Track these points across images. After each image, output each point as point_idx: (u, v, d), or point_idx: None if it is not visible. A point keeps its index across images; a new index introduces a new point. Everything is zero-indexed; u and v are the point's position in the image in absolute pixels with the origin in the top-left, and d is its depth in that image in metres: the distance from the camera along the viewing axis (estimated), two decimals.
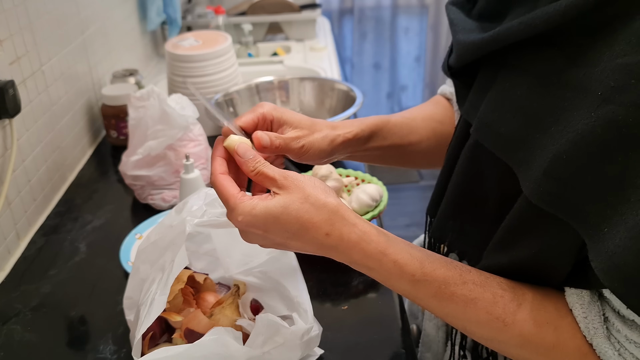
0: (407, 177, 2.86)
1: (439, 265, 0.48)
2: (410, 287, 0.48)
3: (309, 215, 0.47)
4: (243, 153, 0.50)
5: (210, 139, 1.06)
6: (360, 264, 0.49)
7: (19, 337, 0.73)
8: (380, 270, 0.48)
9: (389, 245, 0.48)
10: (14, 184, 0.90)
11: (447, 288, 0.47)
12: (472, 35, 0.50)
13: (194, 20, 1.85)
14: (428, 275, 0.47)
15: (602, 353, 0.43)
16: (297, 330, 0.59)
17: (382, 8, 2.75)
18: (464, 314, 0.48)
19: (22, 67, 0.93)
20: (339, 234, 0.48)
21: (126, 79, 1.28)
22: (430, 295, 0.48)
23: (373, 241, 0.48)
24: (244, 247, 0.69)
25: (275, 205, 0.47)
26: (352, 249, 0.48)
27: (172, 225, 0.61)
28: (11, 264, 0.87)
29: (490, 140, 0.47)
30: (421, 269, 0.47)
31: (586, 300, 0.44)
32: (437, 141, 0.72)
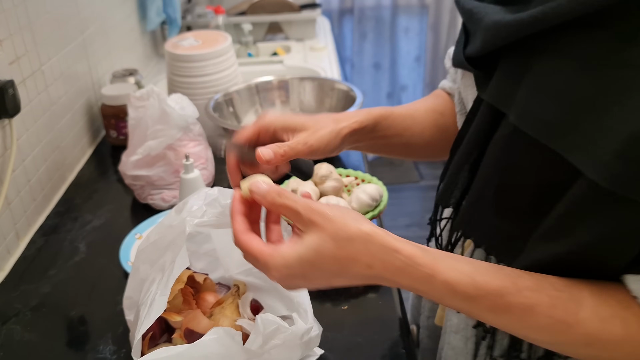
0: (407, 177, 2.86)
1: (490, 277, 0.46)
2: (465, 305, 0.46)
3: (345, 251, 0.45)
4: (257, 189, 0.49)
5: (210, 138, 1.06)
6: (409, 287, 0.46)
7: (18, 337, 0.73)
8: (431, 292, 0.46)
9: (436, 265, 0.45)
10: (14, 183, 0.90)
11: (502, 299, 0.45)
12: (508, 16, 0.47)
13: (193, 20, 1.85)
14: (481, 289, 0.45)
15: None
16: (297, 330, 0.59)
17: (382, 8, 2.75)
18: (524, 322, 0.46)
19: (22, 67, 0.93)
20: (382, 264, 0.45)
21: (126, 78, 1.28)
22: (486, 310, 0.46)
23: (419, 264, 0.45)
24: None
25: (307, 250, 0.45)
26: (399, 275, 0.45)
27: (172, 225, 0.61)
28: (11, 263, 0.87)
29: (534, 128, 0.45)
30: (473, 285, 0.45)
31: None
32: (438, 132, 0.72)
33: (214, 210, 0.61)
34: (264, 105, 1.25)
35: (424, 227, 0.89)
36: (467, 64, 0.55)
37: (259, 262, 0.47)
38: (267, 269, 0.47)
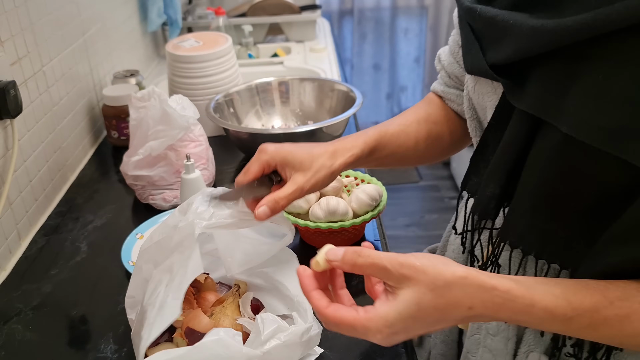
0: (407, 177, 2.86)
1: (582, 295, 0.47)
2: (563, 326, 0.47)
3: (445, 299, 0.45)
4: (334, 256, 0.49)
5: (210, 139, 1.06)
6: (509, 320, 0.48)
7: (20, 336, 0.73)
8: (530, 320, 0.47)
9: (533, 295, 0.46)
10: (15, 184, 0.90)
11: (598, 315, 0.46)
12: (549, 22, 0.46)
13: (194, 22, 1.86)
14: (578, 309, 0.46)
15: None
16: (297, 329, 0.59)
17: (382, 9, 2.76)
18: (621, 332, 0.47)
19: (24, 68, 0.93)
20: (482, 304, 0.46)
21: (127, 79, 1.28)
22: (585, 327, 0.47)
23: (517, 297, 0.46)
24: (246, 247, 0.69)
25: (407, 305, 0.45)
26: (499, 311, 0.46)
27: (178, 226, 0.61)
28: (12, 263, 0.87)
29: (594, 136, 0.45)
30: (570, 307, 0.46)
31: None
32: (433, 142, 0.73)
33: (222, 212, 0.61)
34: (264, 106, 1.25)
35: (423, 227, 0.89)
36: (492, 72, 0.54)
37: (357, 329, 0.47)
38: (367, 333, 0.46)
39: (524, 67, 0.50)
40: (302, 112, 1.25)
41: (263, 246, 0.68)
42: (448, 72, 0.73)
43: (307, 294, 0.50)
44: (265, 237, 0.68)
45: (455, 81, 0.73)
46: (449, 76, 0.73)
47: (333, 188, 0.86)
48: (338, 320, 0.47)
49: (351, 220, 0.82)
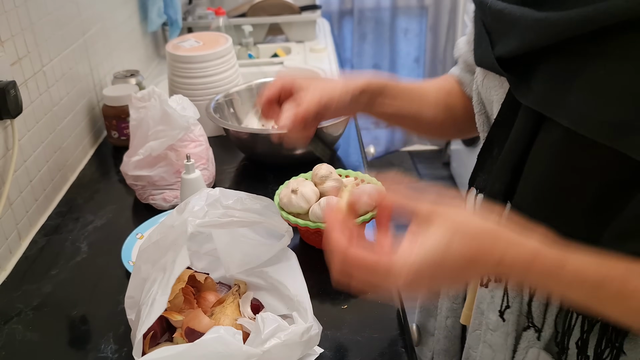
0: None
1: (615, 263, 0.45)
2: (592, 292, 0.45)
3: (474, 247, 0.43)
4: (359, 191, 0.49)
5: (210, 139, 1.06)
6: (536, 280, 0.46)
7: (20, 336, 0.73)
8: (558, 283, 0.45)
9: (565, 255, 0.45)
10: (16, 184, 0.90)
11: (628, 284, 0.44)
12: (553, 15, 0.46)
13: (194, 22, 1.86)
14: (608, 276, 0.44)
15: None
16: (297, 329, 0.59)
17: (382, 9, 2.76)
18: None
19: (24, 68, 0.93)
20: (511, 259, 0.44)
21: (127, 79, 1.28)
22: (612, 295, 0.45)
23: (548, 256, 0.45)
24: (245, 247, 0.69)
25: (435, 247, 0.43)
26: (528, 269, 0.45)
27: (174, 225, 0.61)
28: (12, 263, 0.87)
29: (595, 130, 0.45)
30: (600, 271, 0.44)
31: None
32: (446, 110, 0.74)
33: (216, 211, 0.62)
34: None
35: None
36: (498, 66, 0.54)
37: (379, 271, 0.43)
38: (389, 276, 0.43)
39: (530, 63, 0.50)
40: None
41: (262, 247, 0.69)
42: (464, 60, 0.74)
43: (330, 233, 0.46)
44: (264, 237, 0.69)
45: (471, 69, 0.74)
46: (465, 63, 0.74)
47: (333, 188, 0.86)
48: (359, 261, 0.44)
49: None
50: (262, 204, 0.66)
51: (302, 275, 0.66)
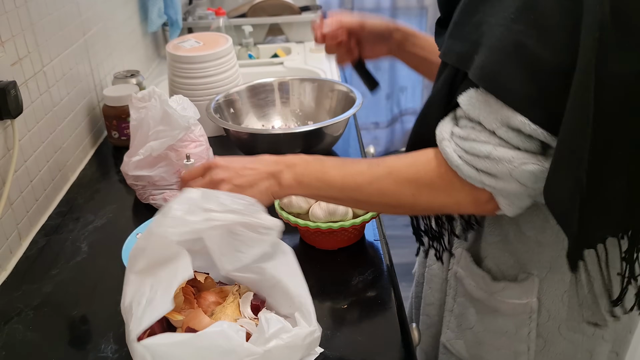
0: None
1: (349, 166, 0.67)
2: (319, 166, 0.67)
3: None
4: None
5: (211, 139, 1.06)
6: (290, 162, 0.68)
7: (20, 336, 0.73)
8: (300, 162, 0.68)
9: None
10: (16, 184, 0.90)
11: (342, 159, 0.69)
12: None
13: (194, 22, 1.86)
14: (330, 157, 0.68)
15: (445, 153, 0.60)
16: (301, 332, 0.59)
17: (382, 9, 2.76)
18: (353, 168, 0.66)
19: (24, 68, 0.94)
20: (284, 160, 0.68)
21: (127, 80, 1.29)
22: (332, 166, 0.66)
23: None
24: (237, 244, 0.69)
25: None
26: (281, 159, 0.68)
27: (157, 232, 0.61)
28: (13, 263, 0.88)
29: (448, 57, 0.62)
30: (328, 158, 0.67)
31: (447, 119, 0.62)
32: None
33: (196, 218, 0.61)
34: (264, 106, 1.25)
35: None
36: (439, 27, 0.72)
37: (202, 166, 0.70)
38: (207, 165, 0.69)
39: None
40: (302, 113, 1.25)
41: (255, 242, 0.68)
42: None
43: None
44: (256, 233, 0.68)
45: None
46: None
47: None
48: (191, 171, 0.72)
49: (351, 220, 0.82)
50: (244, 203, 0.65)
51: (301, 272, 0.66)
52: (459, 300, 0.76)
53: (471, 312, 0.75)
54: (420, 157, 0.63)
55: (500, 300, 0.70)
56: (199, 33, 1.35)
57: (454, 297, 0.77)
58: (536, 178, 0.56)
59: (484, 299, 0.72)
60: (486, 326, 0.73)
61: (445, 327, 0.79)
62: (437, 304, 0.82)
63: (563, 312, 0.68)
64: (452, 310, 0.78)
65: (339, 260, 0.85)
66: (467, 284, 0.74)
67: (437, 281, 0.81)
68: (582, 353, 0.71)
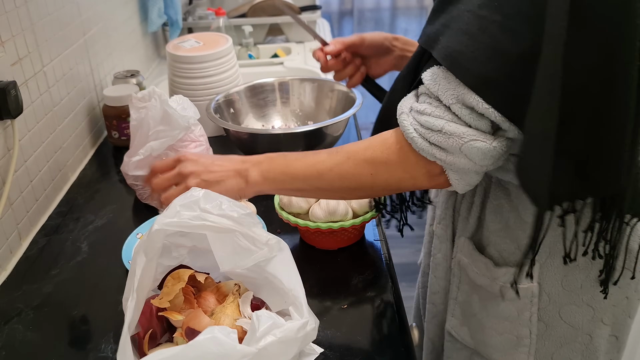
0: None
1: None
2: (283, 160, 0.71)
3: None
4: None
5: (211, 139, 1.06)
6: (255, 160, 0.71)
7: (20, 336, 0.73)
8: (265, 160, 0.72)
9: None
10: (16, 184, 0.90)
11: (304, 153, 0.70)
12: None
13: (194, 22, 1.86)
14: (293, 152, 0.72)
15: (402, 126, 0.63)
16: (293, 325, 0.59)
17: (382, 9, 2.76)
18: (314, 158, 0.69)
19: (24, 68, 0.94)
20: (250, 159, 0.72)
21: (127, 80, 1.29)
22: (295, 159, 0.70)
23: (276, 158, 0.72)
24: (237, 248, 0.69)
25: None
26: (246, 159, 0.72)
27: (154, 229, 0.61)
28: (13, 263, 0.88)
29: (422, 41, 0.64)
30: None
31: (409, 95, 0.65)
32: None
33: (188, 213, 0.61)
34: (264, 106, 1.26)
35: (423, 227, 0.91)
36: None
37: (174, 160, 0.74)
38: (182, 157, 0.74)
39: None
40: (302, 113, 1.25)
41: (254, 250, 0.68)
42: None
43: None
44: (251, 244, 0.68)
45: None
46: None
47: None
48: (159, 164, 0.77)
49: (351, 220, 0.82)
50: (241, 212, 0.65)
51: (295, 267, 0.66)
52: (463, 288, 0.78)
53: (475, 299, 0.76)
54: (376, 138, 0.67)
55: (503, 286, 0.72)
56: (199, 33, 1.35)
57: (458, 285, 0.79)
58: (484, 155, 0.59)
59: (486, 285, 0.73)
60: (489, 312, 0.74)
61: (450, 315, 0.81)
62: (442, 292, 0.83)
63: (563, 296, 0.70)
64: (457, 298, 0.79)
65: (339, 260, 0.85)
66: (470, 272, 0.75)
67: (442, 269, 0.82)
68: (582, 336, 0.72)
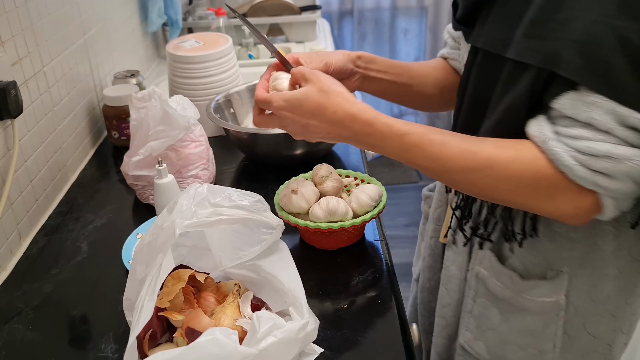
0: (406, 178, 2.87)
1: (417, 124, 0.63)
2: (399, 141, 0.63)
3: (322, 97, 0.65)
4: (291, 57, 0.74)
5: (211, 139, 1.06)
6: (360, 132, 0.64)
7: (21, 336, 0.73)
8: (375, 133, 0.63)
9: (379, 114, 0.64)
10: (16, 184, 0.90)
11: (425, 136, 0.62)
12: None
13: (194, 22, 1.86)
14: (410, 129, 0.62)
15: (553, 153, 0.57)
16: (293, 326, 0.59)
17: (382, 9, 2.76)
18: (440, 153, 0.61)
19: (24, 68, 0.94)
20: (342, 110, 0.64)
21: (127, 80, 1.29)
22: (415, 145, 0.62)
23: (367, 111, 0.64)
24: (237, 241, 0.69)
25: (298, 92, 0.66)
26: (352, 120, 0.64)
27: (164, 226, 0.61)
28: (13, 263, 0.88)
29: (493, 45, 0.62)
30: (405, 126, 0.63)
31: (541, 119, 0.59)
32: (431, 80, 0.85)
33: (204, 210, 0.61)
34: None
35: None
36: (456, 23, 0.72)
37: (265, 99, 0.69)
38: (271, 103, 0.68)
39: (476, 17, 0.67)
40: None
41: (254, 240, 0.68)
42: (452, 35, 0.86)
43: (260, 79, 0.75)
44: (255, 231, 0.68)
45: (458, 42, 0.85)
46: (453, 39, 0.86)
47: (333, 188, 0.86)
48: (259, 97, 0.71)
49: (351, 220, 0.82)
50: (251, 200, 0.65)
51: (295, 267, 0.66)
52: (480, 301, 0.75)
53: (494, 313, 0.73)
54: (524, 152, 0.59)
55: (529, 299, 0.69)
56: (199, 33, 1.35)
57: (474, 298, 0.75)
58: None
59: (509, 298, 0.71)
60: (511, 325, 0.72)
61: (463, 328, 0.78)
62: (454, 305, 0.80)
63: (589, 307, 0.68)
64: (472, 311, 0.76)
65: (339, 260, 0.85)
66: (490, 284, 0.72)
67: (455, 282, 0.78)
68: (602, 346, 0.71)
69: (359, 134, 0.64)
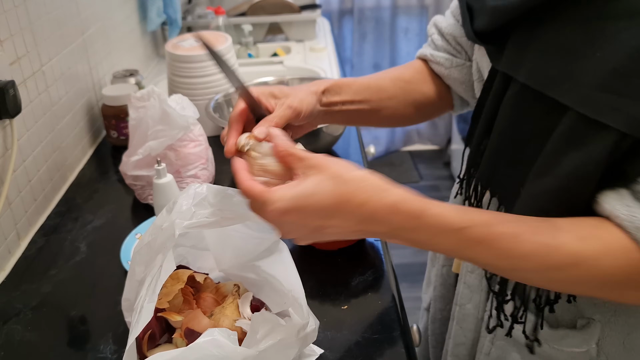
0: (407, 178, 2.86)
1: (476, 212, 0.50)
2: (454, 237, 0.48)
3: (341, 189, 0.47)
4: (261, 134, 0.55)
5: (210, 139, 1.06)
6: (402, 227, 0.48)
7: (19, 336, 0.73)
8: (423, 227, 0.48)
9: (426, 202, 0.49)
10: (15, 184, 0.90)
11: (489, 229, 0.48)
12: (501, 1, 0.54)
13: (194, 21, 1.86)
14: (469, 221, 0.48)
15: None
16: (293, 327, 0.59)
17: (382, 9, 2.76)
18: (511, 250, 0.48)
19: (23, 68, 0.93)
20: (374, 202, 0.47)
21: (126, 79, 1.28)
22: (475, 242, 0.48)
23: (410, 199, 0.48)
24: (236, 241, 0.69)
25: (306, 186, 0.48)
26: (391, 213, 0.48)
27: (163, 227, 0.61)
28: (12, 263, 0.87)
29: (541, 83, 0.51)
30: (460, 217, 0.48)
31: (626, 196, 0.48)
32: (404, 99, 0.76)
33: (204, 211, 0.61)
34: None
35: None
36: (478, 39, 0.61)
37: (257, 200, 0.49)
38: (266, 205, 0.48)
39: (503, 34, 0.57)
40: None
41: (253, 240, 0.68)
42: (445, 34, 0.77)
43: (235, 168, 0.53)
44: (255, 230, 0.68)
45: (451, 44, 0.76)
46: (444, 39, 0.77)
47: None
48: (248, 191, 0.50)
49: None
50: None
51: (295, 268, 0.66)
52: (498, 344, 0.67)
53: (514, 357, 0.66)
54: (613, 243, 0.48)
55: (557, 349, 0.61)
56: (198, 32, 1.35)
57: (492, 340, 0.68)
58: None
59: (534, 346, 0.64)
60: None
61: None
62: (469, 345, 0.73)
63: (622, 355, 0.61)
64: (489, 354, 0.69)
65: (339, 261, 0.85)
66: (513, 330, 0.65)
67: (471, 321, 0.72)
68: None
69: (400, 228, 0.49)
